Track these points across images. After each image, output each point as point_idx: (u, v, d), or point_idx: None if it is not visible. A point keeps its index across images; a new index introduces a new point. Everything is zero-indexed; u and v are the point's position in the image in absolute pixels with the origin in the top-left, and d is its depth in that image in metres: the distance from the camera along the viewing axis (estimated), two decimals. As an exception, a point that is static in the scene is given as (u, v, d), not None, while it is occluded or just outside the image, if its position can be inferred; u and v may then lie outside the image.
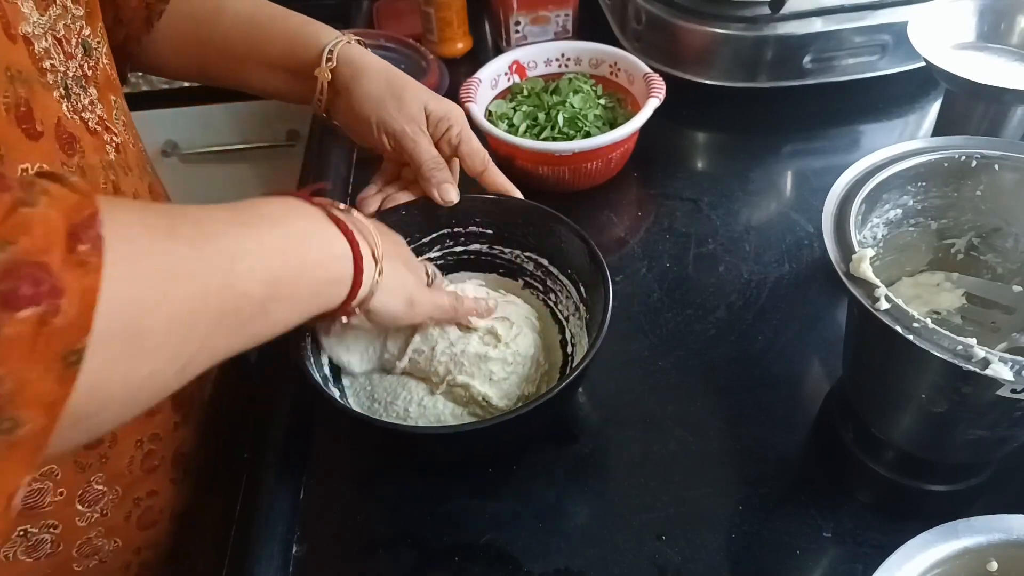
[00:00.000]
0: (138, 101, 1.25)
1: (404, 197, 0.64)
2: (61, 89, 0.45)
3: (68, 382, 0.27)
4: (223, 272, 0.35)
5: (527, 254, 0.64)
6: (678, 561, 0.51)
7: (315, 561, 0.53)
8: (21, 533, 0.48)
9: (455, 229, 0.65)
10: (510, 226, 0.64)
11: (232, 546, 0.54)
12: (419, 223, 0.63)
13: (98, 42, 0.51)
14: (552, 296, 0.64)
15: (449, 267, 0.66)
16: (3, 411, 0.25)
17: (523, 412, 0.48)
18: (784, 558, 0.51)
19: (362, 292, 0.45)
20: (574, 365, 0.51)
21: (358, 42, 0.63)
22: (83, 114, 0.47)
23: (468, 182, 0.65)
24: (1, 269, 0.25)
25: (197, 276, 0.34)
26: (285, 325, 0.41)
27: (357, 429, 0.60)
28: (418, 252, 0.63)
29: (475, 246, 0.65)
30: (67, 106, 0.45)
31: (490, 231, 0.65)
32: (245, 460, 0.58)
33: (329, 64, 0.61)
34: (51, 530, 0.49)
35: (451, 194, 0.61)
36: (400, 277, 0.49)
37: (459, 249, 0.66)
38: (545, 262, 0.63)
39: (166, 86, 1.15)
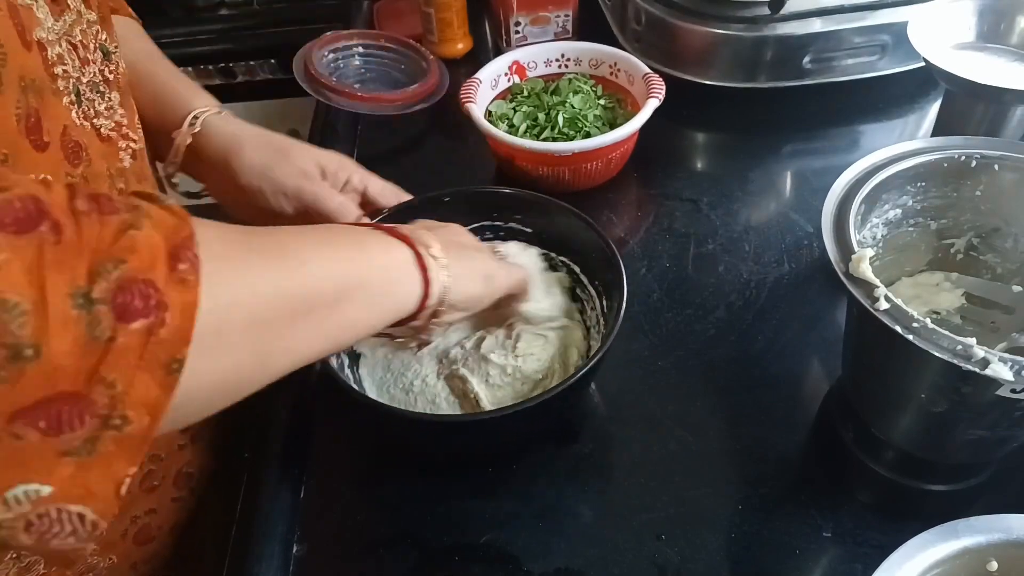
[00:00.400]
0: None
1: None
2: (72, 95, 0.45)
3: (170, 387, 0.30)
4: (294, 274, 0.38)
5: (561, 258, 0.64)
6: (678, 561, 0.51)
7: (315, 561, 0.53)
8: (13, 555, 0.47)
9: (495, 222, 0.65)
10: (547, 227, 0.64)
11: (232, 546, 0.54)
12: (462, 211, 0.63)
13: (116, 47, 0.51)
14: (579, 304, 0.64)
15: None
16: (115, 410, 0.29)
17: (523, 408, 0.49)
18: (784, 558, 0.51)
19: (435, 289, 0.46)
20: (576, 368, 0.52)
21: (225, 114, 0.61)
22: (95, 120, 0.47)
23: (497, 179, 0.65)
24: (116, 284, 0.28)
25: (271, 279, 0.37)
26: (364, 325, 0.44)
27: (361, 410, 0.60)
28: None
29: (514, 241, 0.65)
30: (77, 112, 0.45)
31: (529, 229, 0.65)
32: (245, 460, 0.58)
33: (192, 129, 0.58)
34: None
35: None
36: (468, 261, 0.50)
37: (498, 243, 0.66)
38: (577, 269, 0.64)
39: (166, 86, 1.15)
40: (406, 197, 0.64)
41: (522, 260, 0.61)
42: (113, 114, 0.49)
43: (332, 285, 0.40)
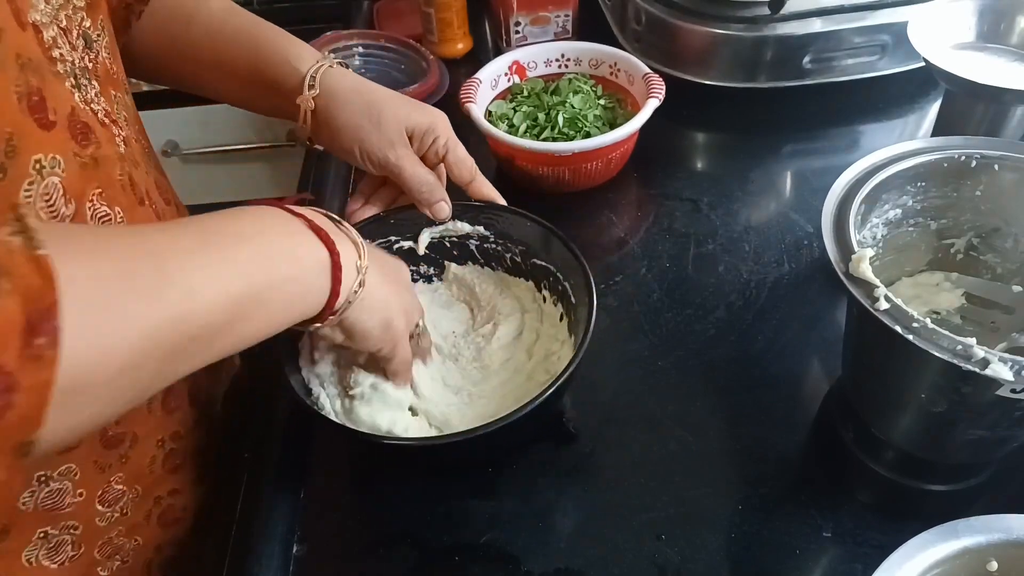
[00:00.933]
0: (138, 101, 1.25)
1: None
2: (71, 79, 0.43)
3: (17, 470, 0.29)
4: (179, 310, 0.35)
5: (534, 260, 0.65)
6: (678, 561, 0.51)
7: (315, 561, 0.53)
8: (42, 535, 0.47)
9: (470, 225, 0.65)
10: (516, 242, 0.64)
11: (232, 546, 0.54)
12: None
13: (99, 35, 0.50)
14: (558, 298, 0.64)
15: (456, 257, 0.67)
16: None
17: (480, 433, 0.48)
18: (784, 558, 0.51)
19: (339, 301, 0.44)
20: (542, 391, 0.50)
21: (338, 63, 0.61)
22: (92, 106, 0.46)
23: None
24: None
25: (149, 320, 0.34)
26: (258, 337, 0.41)
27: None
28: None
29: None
30: (79, 96, 0.44)
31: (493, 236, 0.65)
32: (245, 460, 0.58)
33: (312, 92, 0.59)
34: (71, 531, 0.48)
35: (443, 212, 0.61)
36: (383, 297, 0.48)
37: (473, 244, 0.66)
38: (553, 268, 0.64)
39: (166, 86, 1.15)
40: (479, 177, 0.63)
41: (423, 299, 0.60)
42: (100, 101, 0.48)
43: (223, 309, 0.38)
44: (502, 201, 0.63)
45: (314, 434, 0.61)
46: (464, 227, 0.64)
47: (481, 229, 0.64)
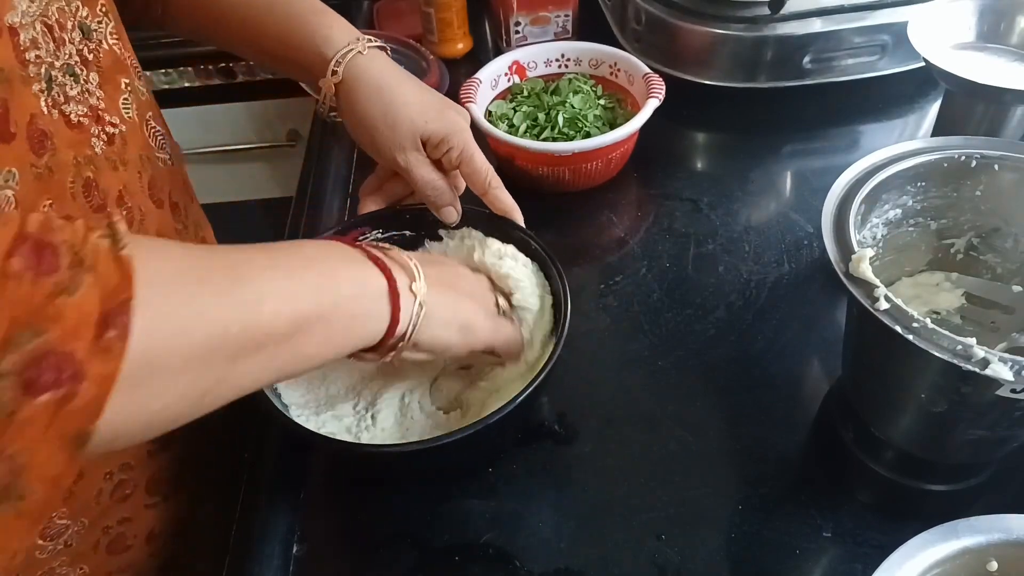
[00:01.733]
0: (138, 101, 1.25)
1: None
2: (42, 82, 0.43)
3: (75, 461, 0.30)
4: (246, 314, 0.37)
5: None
6: (678, 561, 0.51)
7: (315, 561, 0.53)
8: (61, 545, 0.47)
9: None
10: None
11: (232, 546, 0.54)
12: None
13: (99, 22, 0.49)
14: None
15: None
16: (15, 485, 0.28)
17: (450, 440, 0.48)
18: (784, 558, 0.51)
19: (401, 327, 0.45)
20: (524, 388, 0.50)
21: (369, 43, 0.60)
22: (64, 107, 0.45)
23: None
24: (28, 357, 0.27)
25: (218, 319, 0.35)
26: (318, 360, 0.42)
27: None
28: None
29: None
30: (45, 100, 0.43)
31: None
32: (245, 461, 0.58)
33: (334, 78, 0.58)
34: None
35: (450, 217, 0.61)
36: (450, 306, 0.48)
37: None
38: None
39: (166, 86, 1.15)
40: (495, 188, 0.62)
41: (518, 273, 0.59)
42: (88, 97, 0.47)
43: (288, 321, 0.38)
44: (518, 216, 0.62)
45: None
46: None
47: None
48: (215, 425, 0.64)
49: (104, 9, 0.49)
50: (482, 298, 0.54)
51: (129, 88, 0.51)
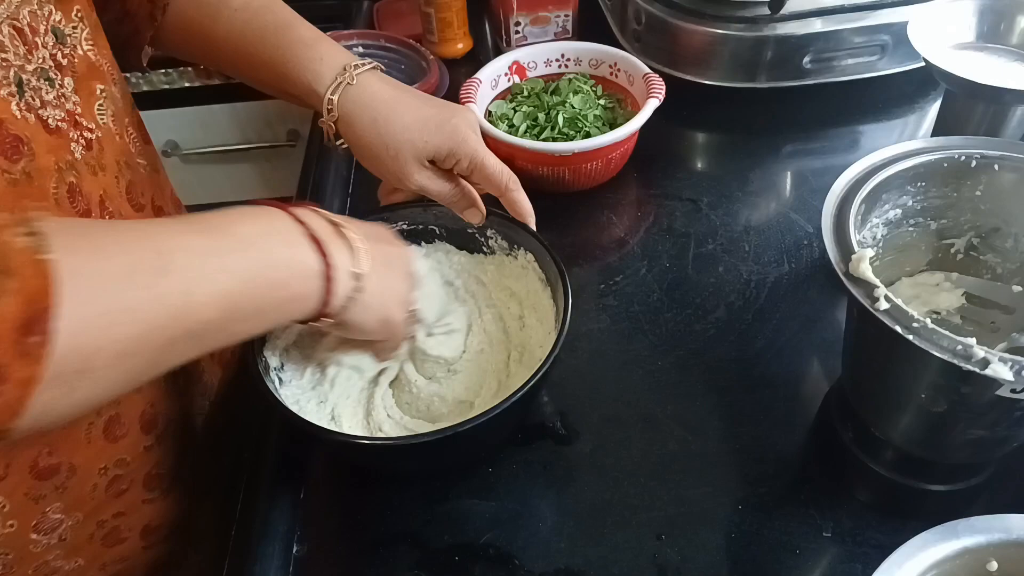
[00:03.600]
0: (138, 101, 1.25)
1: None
2: (12, 86, 0.42)
3: None
4: (175, 306, 0.37)
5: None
6: (678, 561, 0.51)
7: (315, 561, 0.53)
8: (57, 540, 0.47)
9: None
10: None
11: (232, 546, 0.54)
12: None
13: (74, 27, 0.48)
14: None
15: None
16: None
17: (460, 430, 0.48)
18: (784, 558, 0.51)
19: (331, 307, 0.46)
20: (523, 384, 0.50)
21: (357, 70, 0.59)
22: (40, 112, 0.44)
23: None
24: None
25: (146, 315, 0.36)
26: (248, 335, 0.43)
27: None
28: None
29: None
30: (17, 104, 0.42)
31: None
32: (245, 461, 0.58)
33: (331, 116, 0.59)
34: (3, 556, 0.47)
35: (475, 218, 0.62)
36: (382, 295, 0.49)
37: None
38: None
39: (166, 86, 1.15)
40: (512, 190, 0.62)
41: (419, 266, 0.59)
42: (64, 102, 0.46)
43: (219, 308, 0.39)
44: (531, 221, 0.62)
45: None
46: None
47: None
48: (214, 421, 0.65)
49: (79, 14, 0.49)
50: (403, 294, 0.54)
51: (104, 94, 0.50)
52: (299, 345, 0.58)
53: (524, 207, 0.62)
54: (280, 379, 0.56)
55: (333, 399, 0.57)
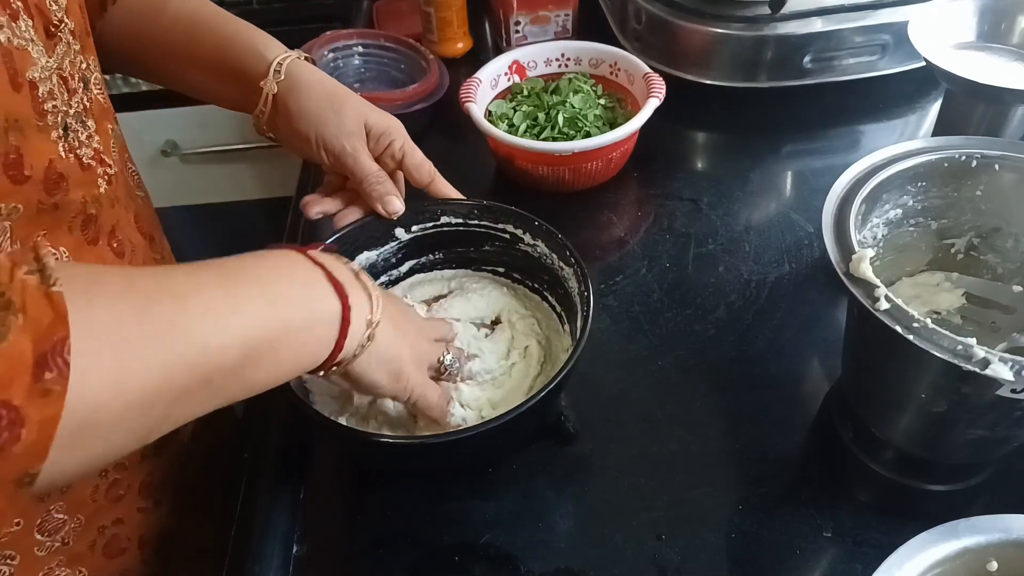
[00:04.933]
0: (138, 101, 1.25)
1: (354, 214, 0.64)
2: (60, 130, 0.44)
3: (18, 500, 0.30)
4: (193, 352, 0.35)
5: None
6: (678, 561, 0.51)
7: (315, 561, 0.53)
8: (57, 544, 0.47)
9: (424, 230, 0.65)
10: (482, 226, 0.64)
11: (232, 546, 0.54)
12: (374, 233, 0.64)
13: (93, 74, 0.51)
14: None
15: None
16: None
17: (483, 430, 0.48)
18: (784, 558, 0.51)
19: (343, 355, 0.45)
20: (545, 384, 0.50)
21: (305, 58, 0.61)
22: (79, 151, 0.46)
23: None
24: None
25: (161, 363, 0.34)
26: (264, 386, 0.41)
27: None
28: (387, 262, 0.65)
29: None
30: (63, 146, 0.44)
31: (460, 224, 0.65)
32: (245, 461, 0.58)
33: (277, 77, 0.59)
34: (8, 561, 0.48)
35: (395, 205, 0.61)
36: (394, 349, 0.48)
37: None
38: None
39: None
40: (438, 177, 0.63)
41: (458, 330, 0.60)
42: (92, 142, 0.48)
43: (237, 354, 0.38)
44: (458, 194, 0.64)
45: (314, 434, 0.61)
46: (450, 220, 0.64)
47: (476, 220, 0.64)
48: (203, 436, 0.65)
49: (93, 62, 0.51)
50: (424, 352, 0.53)
51: (113, 133, 0.53)
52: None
53: (450, 189, 0.64)
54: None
55: None
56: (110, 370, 0.32)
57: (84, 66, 0.49)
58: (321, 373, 0.46)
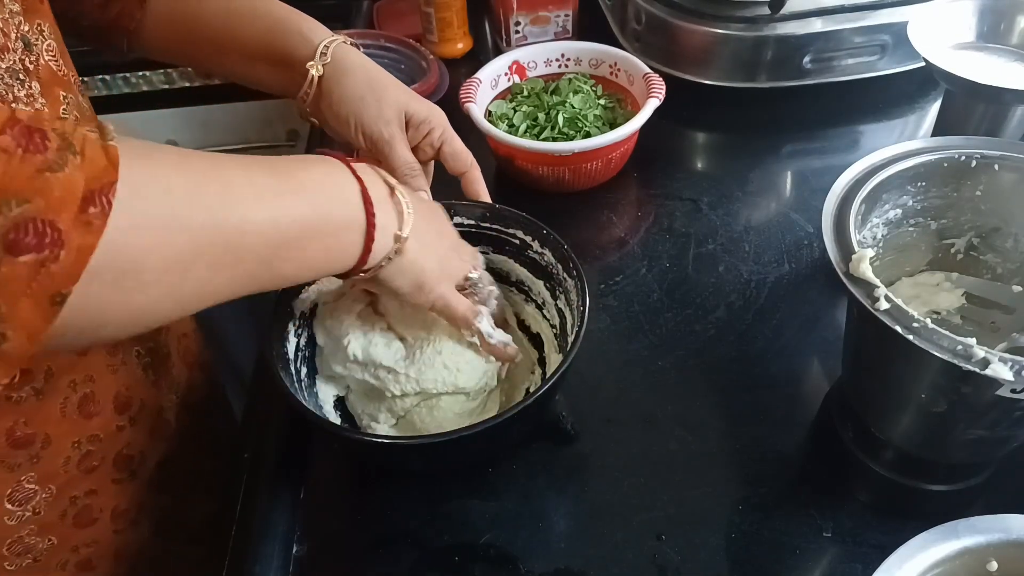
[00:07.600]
0: (138, 101, 1.25)
1: None
2: None
3: (51, 317, 0.33)
4: (230, 234, 0.39)
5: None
6: (678, 561, 0.51)
7: (315, 561, 0.53)
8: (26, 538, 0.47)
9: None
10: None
11: (232, 545, 0.54)
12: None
13: (37, 38, 0.50)
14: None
15: None
16: None
17: (479, 429, 0.48)
18: (784, 558, 0.51)
19: (369, 264, 0.47)
20: (542, 382, 0.51)
21: (351, 43, 0.62)
22: (13, 105, 0.46)
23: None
24: (11, 222, 0.31)
25: (202, 231, 0.38)
26: (292, 280, 0.45)
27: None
28: None
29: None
30: None
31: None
32: (245, 460, 0.58)
33: (323, 60, 0.60)
34: None
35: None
36: (419, 263, 0.50)
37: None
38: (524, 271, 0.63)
39: (166, 86, 1.15)
40: (475, 168, 0.64)
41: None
42: (33, 102, 0.49)
43: (269, 243, 0.41)
44: (487, 199, 0.64)
45: (314, 434, 0.61)
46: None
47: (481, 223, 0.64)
48: (182, 418, 0.66)
49: (40, 27, 0.51)
50: (453, 267, 0.55)
51: (68, 100, 0.52)
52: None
53: (482, 188, 0.64)
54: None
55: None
56: (154, 219, 0.36)
57: (25, 28, 0.49)
58: (347, 275, 0.48)
